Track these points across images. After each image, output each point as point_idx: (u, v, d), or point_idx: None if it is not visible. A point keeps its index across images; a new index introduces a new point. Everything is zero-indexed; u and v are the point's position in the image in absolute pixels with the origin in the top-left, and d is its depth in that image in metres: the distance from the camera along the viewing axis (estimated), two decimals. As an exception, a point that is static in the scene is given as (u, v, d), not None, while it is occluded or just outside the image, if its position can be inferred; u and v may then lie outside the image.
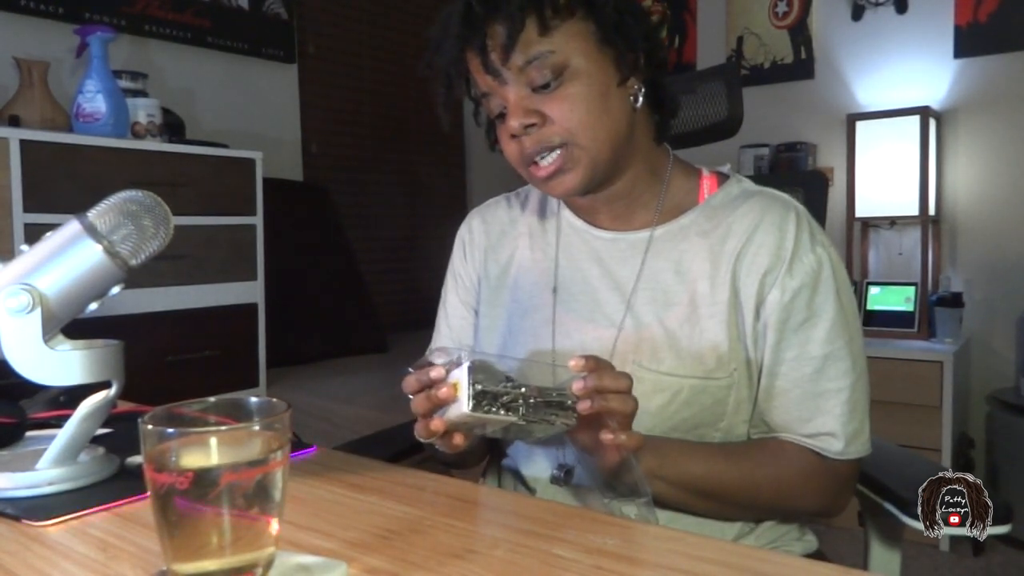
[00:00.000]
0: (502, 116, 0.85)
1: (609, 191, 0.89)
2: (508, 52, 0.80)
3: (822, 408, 0.83)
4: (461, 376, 0.68)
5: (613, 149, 0.84)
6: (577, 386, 0.69)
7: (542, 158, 0.83)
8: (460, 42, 0.83)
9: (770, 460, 0.84)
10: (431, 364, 0.72)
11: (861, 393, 0.85)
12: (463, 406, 0.67)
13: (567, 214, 0.97)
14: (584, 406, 0.69)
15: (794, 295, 0.83)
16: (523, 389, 0.68)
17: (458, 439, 0.73)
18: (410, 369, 0.75)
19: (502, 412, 0.67)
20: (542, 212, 1.00)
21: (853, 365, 0.84)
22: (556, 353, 0.89)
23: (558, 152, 0.83)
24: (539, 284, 0.95)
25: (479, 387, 0.67)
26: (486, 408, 0.67)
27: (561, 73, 0.81)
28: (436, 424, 0.71)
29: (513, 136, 0.84)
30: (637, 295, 0.88)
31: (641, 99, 0.86)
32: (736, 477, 0.82)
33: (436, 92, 0.89)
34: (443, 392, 0.69)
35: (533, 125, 0.82)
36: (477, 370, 0.68)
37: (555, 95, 0.81)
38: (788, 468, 0.84)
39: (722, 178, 0.94)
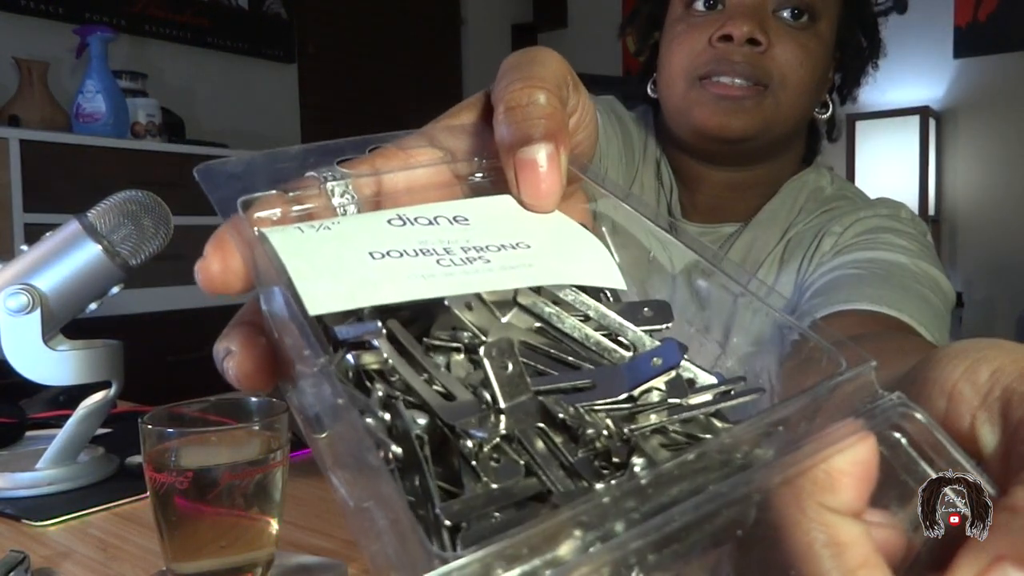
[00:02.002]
0: (710, 5, 0.73)
1: (741, 173, 0.79)
2: None
3: (917, 293, 0.63)
4: None
5: (794, 126, 0.76)
6: None
7: (732, 79, 0.71)
8: None
9: None
10: None
11: (944, 319, 0.66)
12: None
13: (667, 175, 0.84)
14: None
15: (851, 228, 0.72)
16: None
17: None
18: None
19: None
20: (652, 159, 0.85)
21: (938, 285, 0.67)
22: None
23: (755, 85, 0.71)
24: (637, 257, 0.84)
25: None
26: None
27: (814, 20, 0.72)
28: None
29: (724, 38, 0.71)
30: None
31: (830, 110, 0.79)
32: None
33: None
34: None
35: (759, 44, 0.70)
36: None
37: (797, 35, 0.72)
38: None
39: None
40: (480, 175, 0.26)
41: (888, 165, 2.74)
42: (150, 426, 0.47)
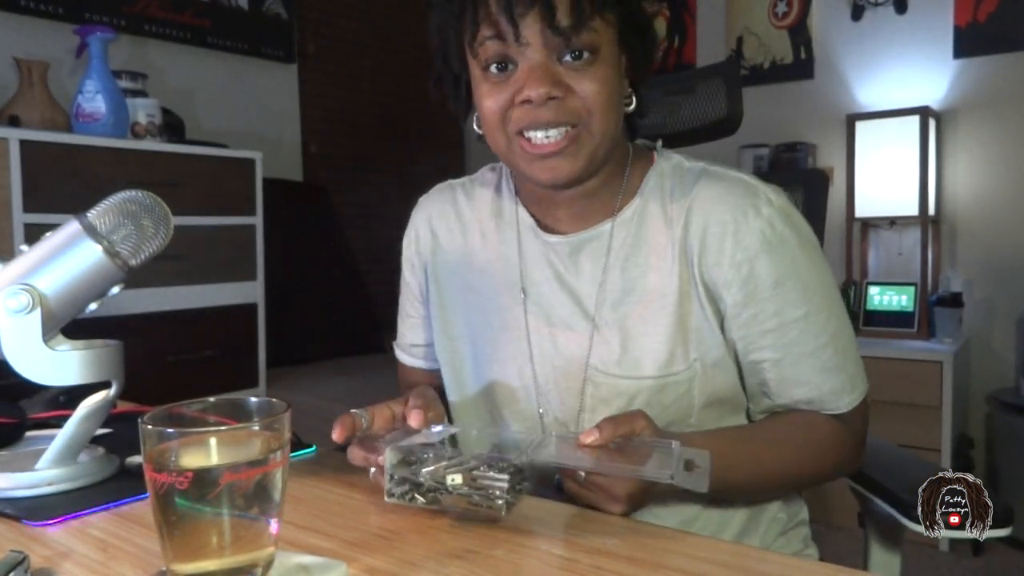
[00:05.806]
0: (501, 68, 0.77)
1: (588, 183, 0.84)
2: (580, 13, 0.73)
3: (815, 366, 0.81)
4: (384, 462, 0.67)
5: (610, 145, 0.81)
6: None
7: (546, 134, 0.77)
8: None
9: (806, 437, 0.83)
10: (369, 443, 0.72)
11: (846, 339, 0.83)
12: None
13: (522, 213, 0.91)
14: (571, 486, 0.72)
15: (751, 265, 0.79)
16: (451, 478, 0.66)
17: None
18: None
19: (420, 501, 0.66)
20: (496, 210, 0.94)
21: (830, 314, 0.82)
22: (534, 362, 0.87)
23: (567, 130, 0.77)
24: (500, 286, 0.91)
25: (396, 476, 0.67)
26: (406, 498, 0.66)
27: (595, 53, 0.76)
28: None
29: (524, 102, 0.76)
30: (592, 297, 0.85)
31: (634, 103, 0.84)
32: (780, 467, 0.82)
33: (440, 23, 0.81)
34: (374, 476, 0.70)
35: (556, 98, 0.75)
36: (403, 451, 0.68)
37: (586, 72, 0.76)
38: (822, 439, 0.84)
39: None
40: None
41: (888, 165, 2.74)
42: (150, 426, 0.47)
